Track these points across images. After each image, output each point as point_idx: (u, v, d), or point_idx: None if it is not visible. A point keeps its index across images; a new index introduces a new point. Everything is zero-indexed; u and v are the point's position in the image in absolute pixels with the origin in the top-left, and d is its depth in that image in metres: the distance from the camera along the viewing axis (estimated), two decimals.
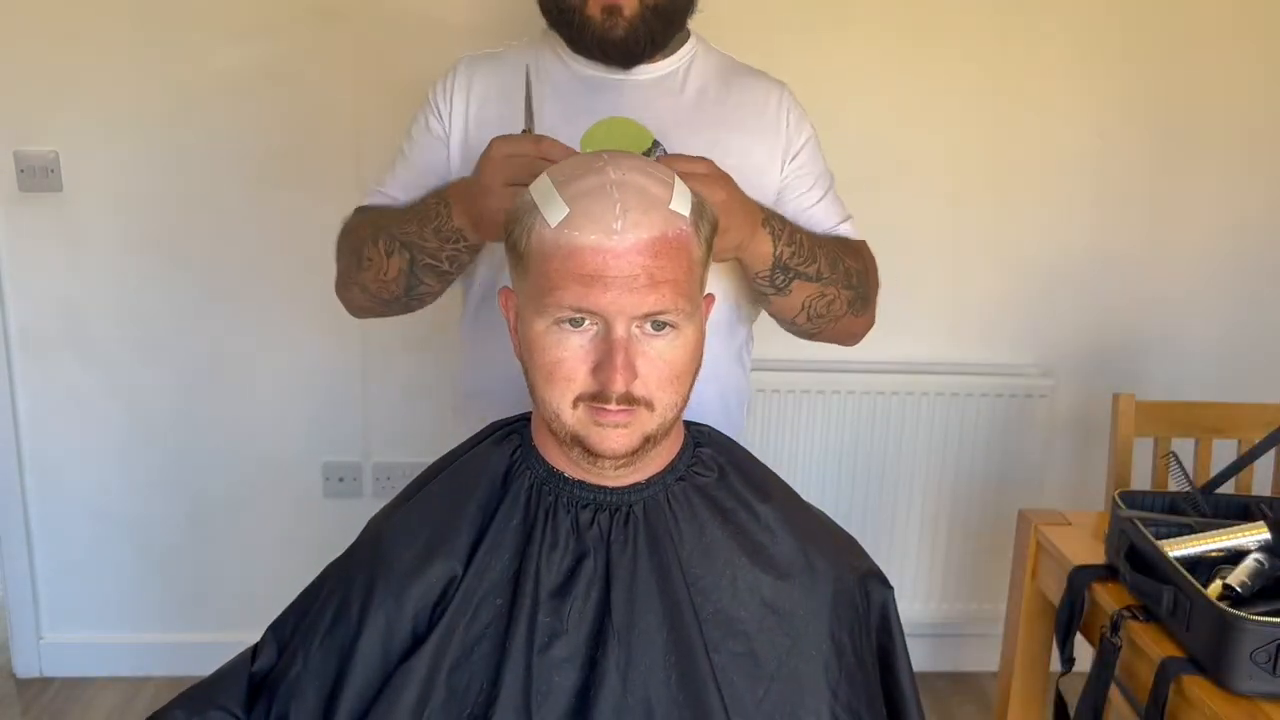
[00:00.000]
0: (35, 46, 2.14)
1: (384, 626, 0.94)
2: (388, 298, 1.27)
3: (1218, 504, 1.49)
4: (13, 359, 2.28)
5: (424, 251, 1.20)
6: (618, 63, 1.25)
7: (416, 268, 1.21)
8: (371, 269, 1.23)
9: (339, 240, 1.32)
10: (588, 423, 0.91)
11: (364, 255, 1.24)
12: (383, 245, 1.22)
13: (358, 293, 1.29)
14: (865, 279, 1.33)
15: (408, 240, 1.20)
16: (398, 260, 1.21)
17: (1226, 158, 2.32)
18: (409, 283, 1.23)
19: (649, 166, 0.94)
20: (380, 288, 1.25)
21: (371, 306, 1.30)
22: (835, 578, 1.02)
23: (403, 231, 1.20)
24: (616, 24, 1.18)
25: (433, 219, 1.18)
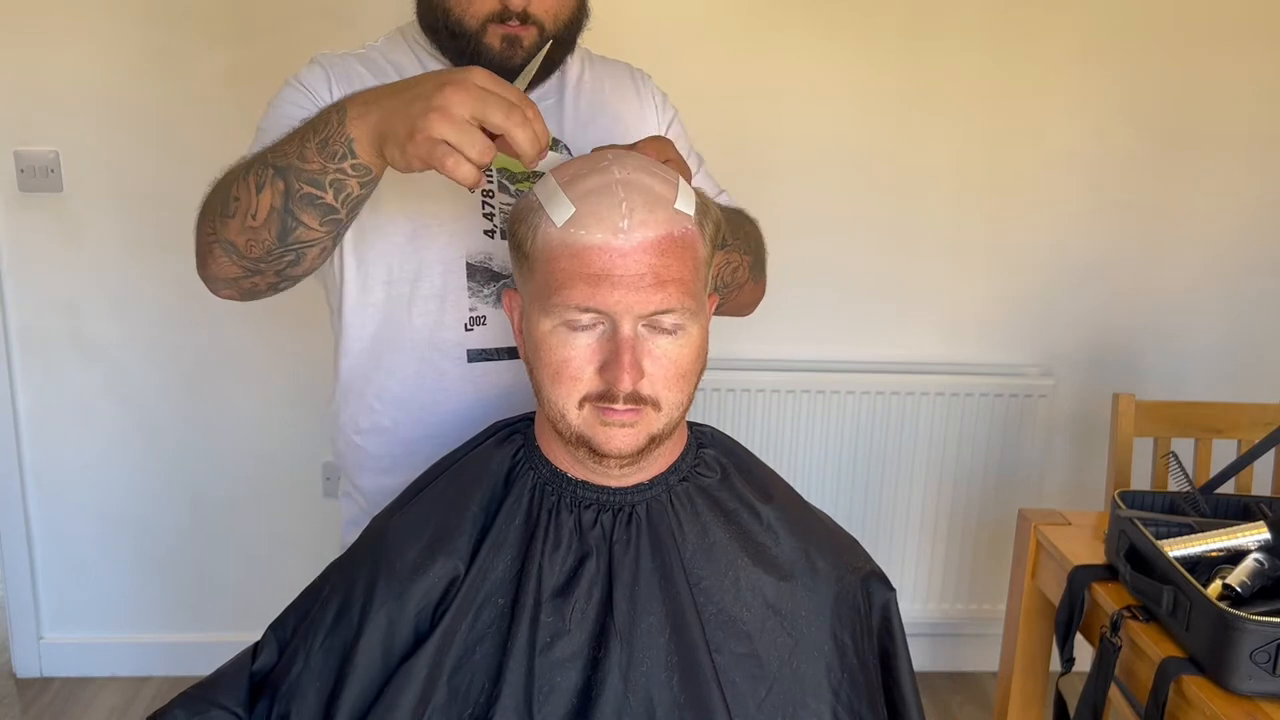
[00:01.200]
0: (35, 46, 2.14)
1: (386, 626, 0.94)
2: (258, 253, 1.01)
3: (1218, 504, 1.49)
4: (13, 359, 2.28)
5: (303, 176, 0.96)
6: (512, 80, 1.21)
7: (293, 199, 0.97)
8: (239, 213, 0.99)
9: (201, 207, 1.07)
10: (594, 422, 0.91)
11: (230, 197, 1.00)
12: (253, 178, 0.98)
13: (220, 255, 1.03)
14: (760, 244, 1.30)
15: (283, 164, 0.97)
16: (269, 194, 0.98)
17: (1226, 158, 2.32)
18: (283, 224, 0.99)
19: (654, 166, 0.94)
20: (249, 238, 1.00)
21: (237, 273, 1.05)
22: (837, 578, 1.02)
23: (279, 154, 0.98)
24: (515, 54, 1.14)
25: (320, 129, 0.96)
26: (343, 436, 1.30)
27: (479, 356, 1.21)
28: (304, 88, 1.18)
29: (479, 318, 1.20)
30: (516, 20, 1.13)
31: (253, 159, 1.01)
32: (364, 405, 1.26)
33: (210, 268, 1.06)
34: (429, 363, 1.21)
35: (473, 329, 1.20)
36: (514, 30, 1.13)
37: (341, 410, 1.29)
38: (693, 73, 2.20)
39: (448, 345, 1.20)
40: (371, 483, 1.28)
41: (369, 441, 1.27)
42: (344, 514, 1.35)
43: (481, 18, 1.13)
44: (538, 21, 1.14)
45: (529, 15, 1.13)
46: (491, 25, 1.13)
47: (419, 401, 1.22)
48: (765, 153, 2.27)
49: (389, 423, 1.24)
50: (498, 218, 1.19)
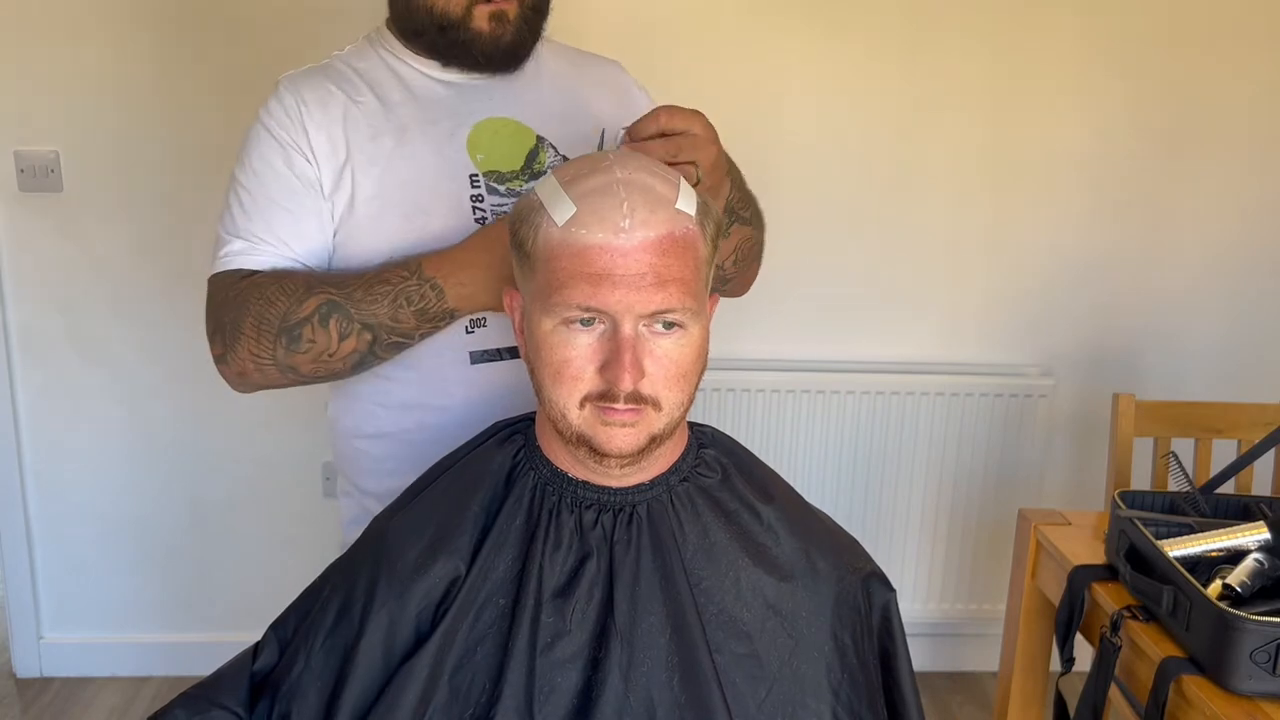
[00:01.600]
0: (35, 46, 2.14)
1: (387, 626, 0.94)
2: (324, 375, 1.16)
3: (1218, 504, 1.49)
4: (13, 359, 2.28)
5: (395, 332, 1.11)
6: (502, 68, 1.21)
7: (379, 347, 1.12)
8: (313, 352, 1.11)
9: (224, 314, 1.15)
10: (594, 422, 0.91)
11: (302, 336, 1.11)
12: (335, 327, 1.10)
13: (275, 374, 1.15)
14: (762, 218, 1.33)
15: (374, 323, 1.10)
16: (354, 342, 1.11)
17: (1226, 158, 2.33)
18: (362, 361, 1.14)
19: (655, 166, 0.94)
20: (318, 368, 1.13)
21: (287, 384, 1.18)
22: (837, 579, 1.02)
23: (367, 313, 1.10)
24: (505, 30, 1.16)
25: (415, 301, 1.10)
26: (344, 441, 1.30)
27: (482, 358, 1.21)
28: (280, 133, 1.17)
29: (479, 320, 1.20)
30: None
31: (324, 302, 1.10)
32: (366, 412, 1.25)
33: (252, 377, 1.17)
34: (431, 368, 1.20)
35: (474, 331, 1.20)
36: (498, 6, 1.15)
37: (342, 416, 1.29)
38: (693, 72, 2.21)
39: (449, 349, 1.20)
40: (377, 484, 1.27)
41: (373, 446, 1.27)
42: (345, 513, 1.35)
43: (465, 3, 1.14)
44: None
45: None
46: (476, 7, 1.15)
47: (423, 406, 1.22)
48: (765, 153, 2.27)
49: (392, 427, 1.24)
50: (490, 219, 1.19)
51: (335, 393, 1.29)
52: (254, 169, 1.17)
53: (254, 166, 1.17)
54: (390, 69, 1.23)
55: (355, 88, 1.20)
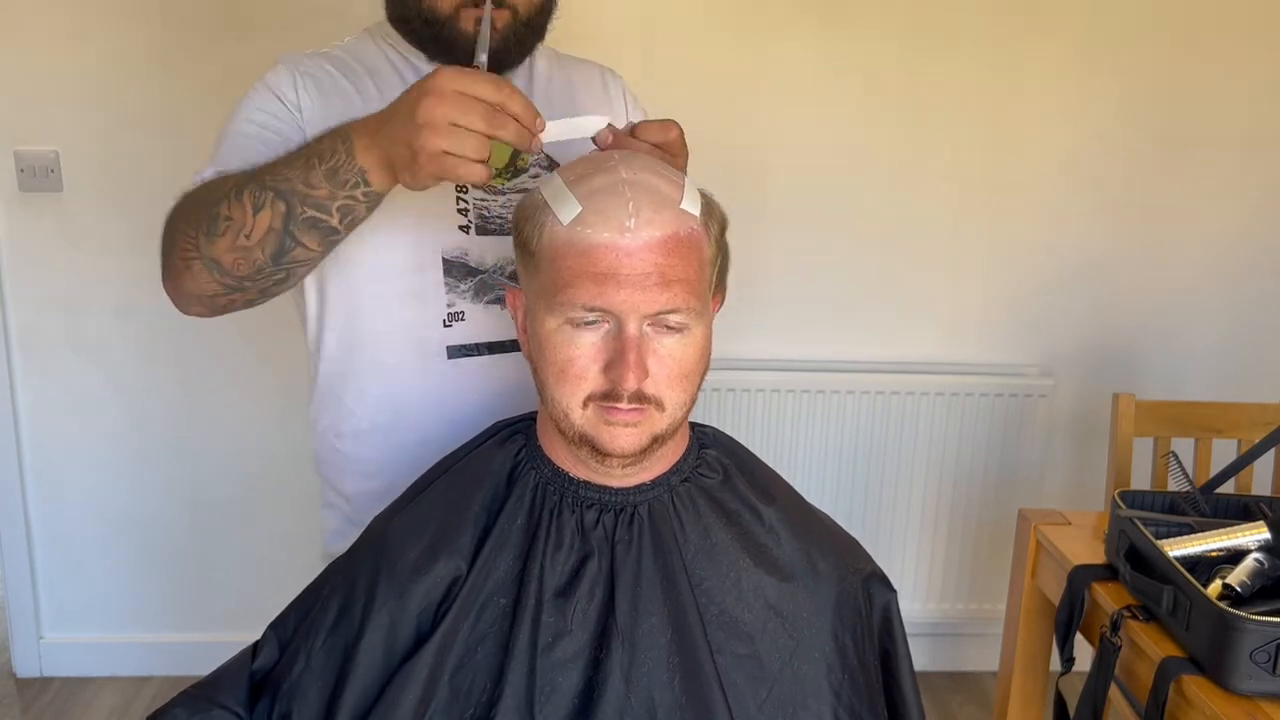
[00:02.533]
0: (35, 46, 2.14)
1: (387, 625, 0.94)
2: (246, 271, 1.02)
3: (1218, 504, 1.49)
4: (13, 359, 2.28)
5: (308, 201, 0.98)
6: None
7: (294, 222, 0.99)
8: (230, 232, 1.00)
9: (167, 224, 1.10)
10: (597, 422, 0.92)
11: (219, 215, 1.00)
12: (249, 198, 0.99)
13: (201, 272, 1.04)
14: None
15: (285, 188, 0.98)
16: (268, 215, 0.98)
17: (1226, 158, 2.33)
18: (280, 244, 1.00)
19: (660, 167, 0.95)
20: (238, 257, 1.01)
21: (217, 290, 1.06)
22: (838, 579, 1.02)
23: (279, 177, 0.98)
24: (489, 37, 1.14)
25: (326, 158, 0.97)
26: (323, 442, 1.28)
27: (459, 353, 1.20)
28: (272, 92, 1.17)
29: (457, 313, 1.19)
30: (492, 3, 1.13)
31: (243, 178, 1.01)
32: (343, 409, 1.24)
33: (185, 283, 1.08)
34: (408, 362, 1.19)
35: (451, 325, 1.19)
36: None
37: (320, 416, 1.27)
38: (693, 73, 2.21)
39: (427, 343, 1.19)
40: (356, 488, 1.26)
41: (350, 446, 1.25)
42: (327, 525, 1.33)
43: (454, 2, 1.14)
44: (510, 5, 1.15)
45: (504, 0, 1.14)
46: (464, 10, 1.14)
47: (400, 402, 1.21)
48: (765, 153, 2.27)
49: (368, 425, 1.23)
50: (471, 212, 1.19)
51: (313, 391, 1.28)
52: (239, 120, 1.16)
53: (239, 118, 1.16)
54: (389, 61, 1.23)
55: (357, 75, 1.20)
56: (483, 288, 1.20)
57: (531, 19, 1.18)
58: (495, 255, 1.20)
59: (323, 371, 1.25)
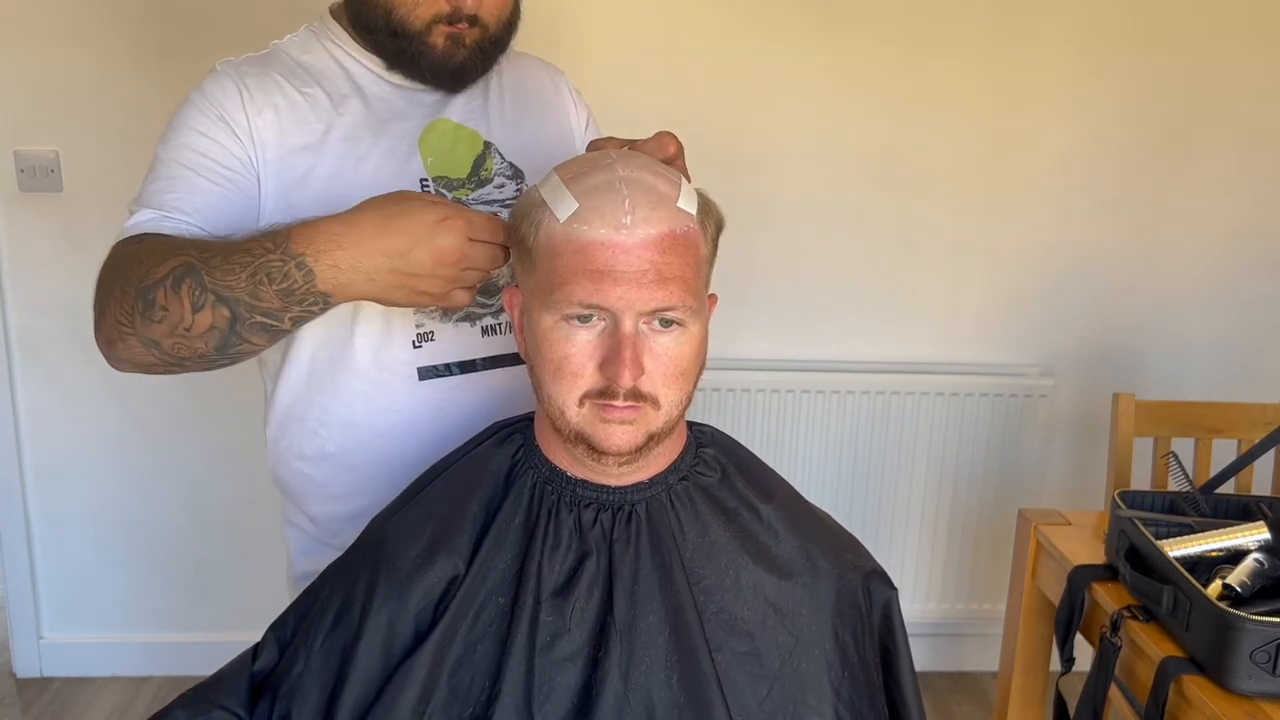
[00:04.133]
0: (35, 46, 2.14)
1: (386, 625, 0.94)
2: (187, 355, 1.00)
3: (1218, 504, 1.49)
4: (13, 359, 2.28)
5: (257, 310, 0.97)
6: (446, 87, 1.19)
7: (241, 325, 0.98)
8: (166, 322, 0.98)
9: (102, 277, 1.06)
10: (593, 420, 0.92)
11: (155, 303, 0.98)
12: (187, 294, 0.96)
13: (138, 347, 1.01)
14: None
15: (229, 296, 0.96)
16: (209, 316, 0.97)
17: (1225, 158, 2.33)
18: (225, 341, 0.99)
19: (656, 165, 0.95)
20: (178, 343, 0.99)
21: (154, 363, 1.03)
22: (838, 577, 1.02)
23: (221, 284, 0.96)
24: (457, 52, 1.13)
25: (278, 279, 0.95)
26: (284, 464, 1.23)
27: (430, 374, 1.17)
28: (217, 112, 1.11)
29: (427, 334, 1.16)
30: (465, 22, 1.12)
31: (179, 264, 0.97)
32: (305, 430, 1.19)
33: (119, 351, 1.04)
34: (376, 384, 1.16)
35: (421, 345, 1.16)
36: (460, 30, 1.13)
37: (280, 437, 1.22)
38: (691, 74, 2.21)
39: (396, 364, 1.16)
40: (323, 510, 1.23)
41: (315, 469, 1.20)
42: (293, 544, 1.30)
43: (427, 19, 1.12)
44: (483, 23, 1.14)
45: (478, 18, 1.13)
46: (438, 25, 1.12)
47: (367, 425, 1.17)
48: (764, 153, 2.27)
49: (334, 448, 1.18)
50: None
51: (271, 413, 1.22)
52: (179, 144, 1.11)
53: (179, 141, 1.11)
54: (338, 63, 1.19)
55: (305, 82, 1.16)
56: None
57: (497, 35, 1.17)
58: None
59: (284, 392, 1.19)
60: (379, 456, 1.18)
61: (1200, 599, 1.21)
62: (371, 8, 1.13)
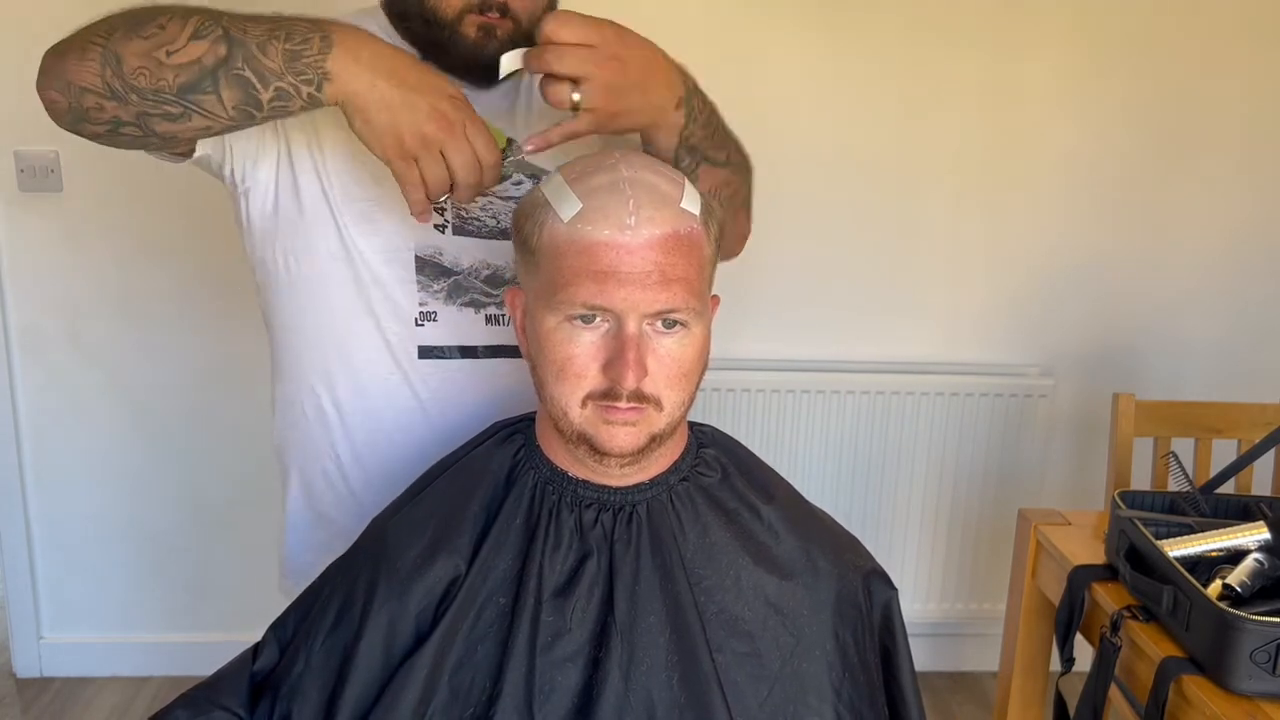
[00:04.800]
0: (35, 46, 2.13)
1: (387, 625, 0.94)
2: (142, 84, 0.94)
3: (1218, 504, 1.49)
4: (13, 359, 2.28)
5: (252, 62, 0.93)
6: (477, 80, 1.18)
7: (226, 70, 0.93)
8: (153, 39, 0.93)
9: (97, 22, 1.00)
10: (596, 421, 0.91)
11: (153, 19, 0.94)
12: (195, 22, 0.93)
13: (94, 60, 0.96)
14: (750, 174, 1.26)
15: (238, 37, 0.93)
16: (204, 48, 0.93)
17: (1225, 158, 2.33)
18: (196, 81, 0.93)
19: (660, 166, 0.95)
20: (145, 65, 0.93)
21: (94, 87, 0.98)
22: (838, 577, 1.02)
23: (238, 25, 0.94)
24: (489, 44, 1.13)
25: (296, 39, 0.94)
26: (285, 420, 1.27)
27: (428, 354, 1.18)
28: None
29: (429, 313, 1.17)
30: (496, 12, 1.12)
31: (201, 8, 0.95)
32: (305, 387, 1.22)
33: (69, 63, 0.99)
34: (375, 360, 1.18)
35: (423, 324, 1.17)
36: (491, 21, 1.13)
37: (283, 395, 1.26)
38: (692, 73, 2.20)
39: (396, 340, 1.17)
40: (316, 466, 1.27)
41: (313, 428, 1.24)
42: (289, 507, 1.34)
43: (459, 8, 1.12)
44: (515, 15, 1.14)
45: (508, 8, 1.13)
46: (469, 15, 1.13)
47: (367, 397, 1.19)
48: (764, 153, 2.25)
49: (331, 408, 1.21)
50: (449, 212, 1.17)
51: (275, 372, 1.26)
52: None
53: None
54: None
55: None
56: (457, 289, 1.18)
57: (531, 29, 1.16)
58: (471, 257, 1.18)
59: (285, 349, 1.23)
60: (376, 436, 1.20)
61: (1200, 599, 1.21)
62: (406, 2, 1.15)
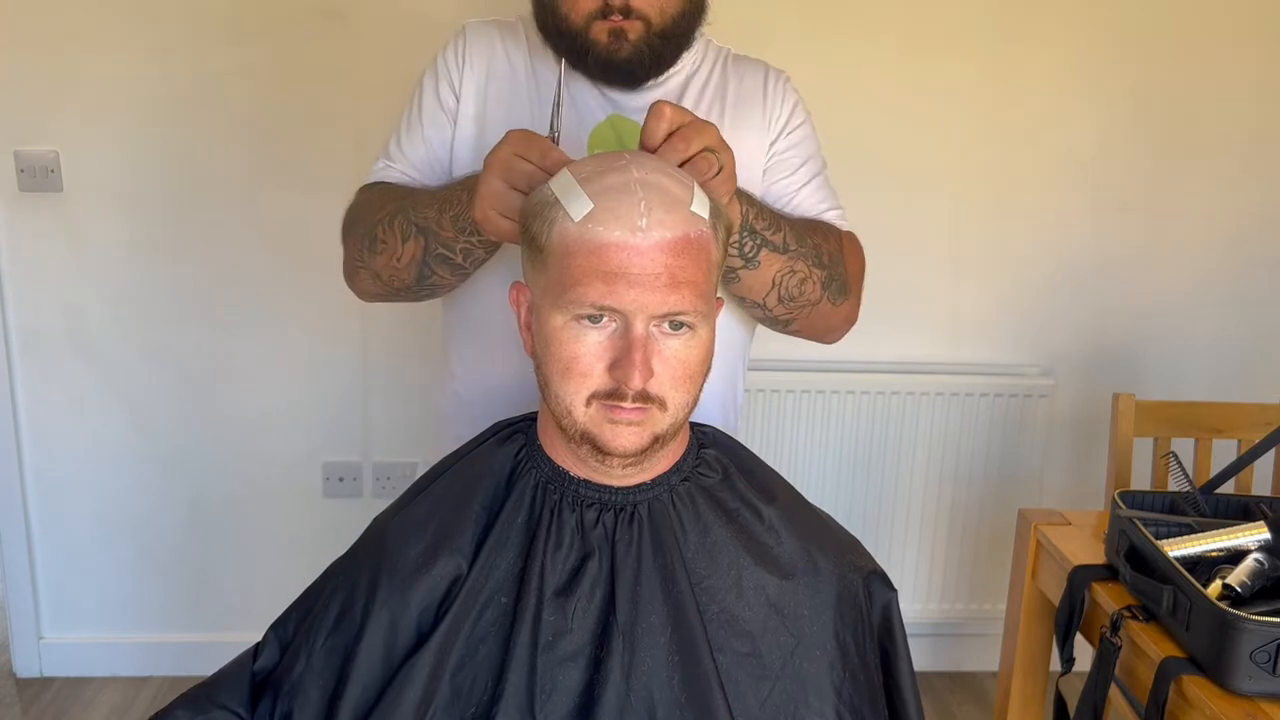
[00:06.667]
0: (35, 46, 2.14)
1: (388, 624, 0.94)
2: (399, 286, 1.20)
3: (1218, 504, 1.49)
4: (13, 359, 2.28)
5: (439, 240, 1.12)
6: (619, 84, 1.21)
7: (430, 256, 1.14)
8: (385, 253, 1.17)
9: (346, 220, 1.26)
10: (600, 420, 0.92)
11: (378, 237, 1.17)
12: (398, 228, 1.15)
13: (368, 279, 1.21)
14: (840, 261, 1.25)
15: (425, 225, 1.13)
16: (412, 246, 1.14)
17: (1224, 159, 2.33)
18: (420, 272, 1.16)
19: (670, 169, 0.94)
20: (392, 275, 1.18)
21: (382, 294, 1.24)
22: (839, 577, 1.02)
23: (421, 215, 1.13)
24: (621, 47, 1.16)
25: (452, 206, 1.10)
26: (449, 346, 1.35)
27: None
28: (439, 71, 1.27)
29: None
30: (619, 14, 1.14)
31: (397, 205, 1.16)
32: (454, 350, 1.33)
33: (357, 284, 1.26)
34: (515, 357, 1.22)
35: None
36: (618, 24, 1.14)
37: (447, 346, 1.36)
38: None
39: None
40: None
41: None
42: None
43: (585, 15, 1.15)
44: (642, 15, 1.15)
45: (631, 9, 1.14)
46: (596, 22, 1.15)
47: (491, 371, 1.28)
48: None
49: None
50: None
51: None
52: (414, 94, 1.29)
53: (416, 92, 1.29)
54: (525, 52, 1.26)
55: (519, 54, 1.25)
56: None
57: (666, 29, 1.17)
58: None
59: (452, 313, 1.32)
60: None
61: (1200, 599, 1.21)
62: (542, 9, 1.20)
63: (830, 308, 1.26)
